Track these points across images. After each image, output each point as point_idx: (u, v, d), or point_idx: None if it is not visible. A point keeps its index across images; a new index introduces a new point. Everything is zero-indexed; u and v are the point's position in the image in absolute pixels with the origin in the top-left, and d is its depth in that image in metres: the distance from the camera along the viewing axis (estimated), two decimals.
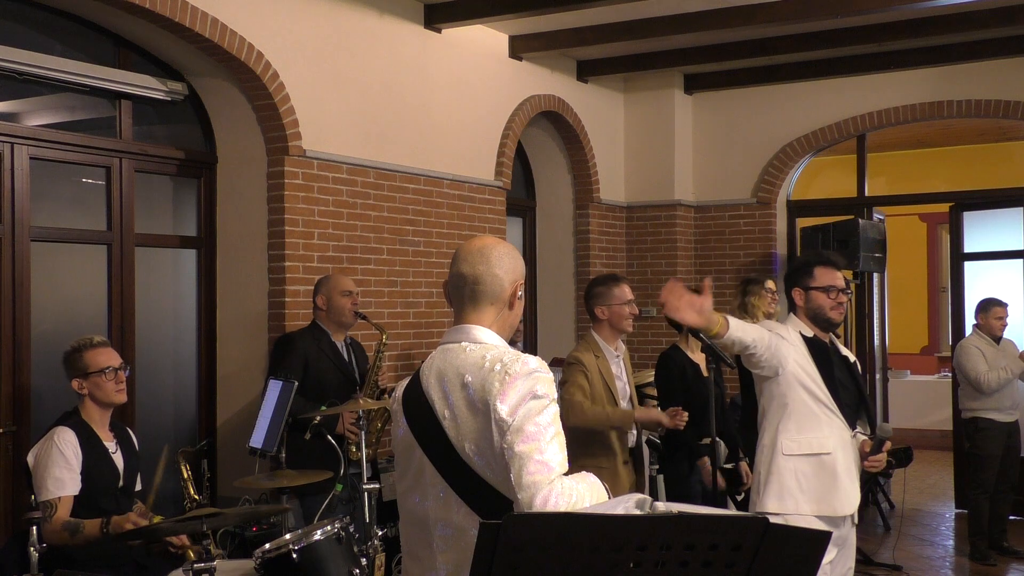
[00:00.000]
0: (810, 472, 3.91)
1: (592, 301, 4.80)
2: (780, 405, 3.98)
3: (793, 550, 1.67)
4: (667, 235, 8.76)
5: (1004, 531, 7.00)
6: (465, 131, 7.07)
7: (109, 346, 4.21)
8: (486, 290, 2.41)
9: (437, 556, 2.32)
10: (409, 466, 2.40)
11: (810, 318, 4.07)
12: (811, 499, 3.89)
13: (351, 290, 5.26)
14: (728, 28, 6.94)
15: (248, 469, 4.80)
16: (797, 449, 3.92)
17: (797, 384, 3.94)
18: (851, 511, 3.95)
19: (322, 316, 5.25)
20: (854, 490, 3.95)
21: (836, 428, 3.94)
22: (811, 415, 3.94)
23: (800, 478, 3.90)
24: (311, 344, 5.15)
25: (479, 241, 2.47)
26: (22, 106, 5.19)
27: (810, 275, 4.07)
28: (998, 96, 7.90)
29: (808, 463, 3.91)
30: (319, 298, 5.25)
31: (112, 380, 4.08)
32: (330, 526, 3.74)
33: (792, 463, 3.91)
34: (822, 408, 3.94)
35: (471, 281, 2.41)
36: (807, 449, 3.92)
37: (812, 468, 3.91)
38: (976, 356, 6.83)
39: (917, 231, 12.48)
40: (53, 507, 3.85)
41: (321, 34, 5.91)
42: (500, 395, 2.22)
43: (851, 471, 3.94)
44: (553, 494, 2.16)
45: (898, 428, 10.38)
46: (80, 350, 4.10)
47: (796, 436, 3.94)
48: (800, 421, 3.94)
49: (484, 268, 2.41)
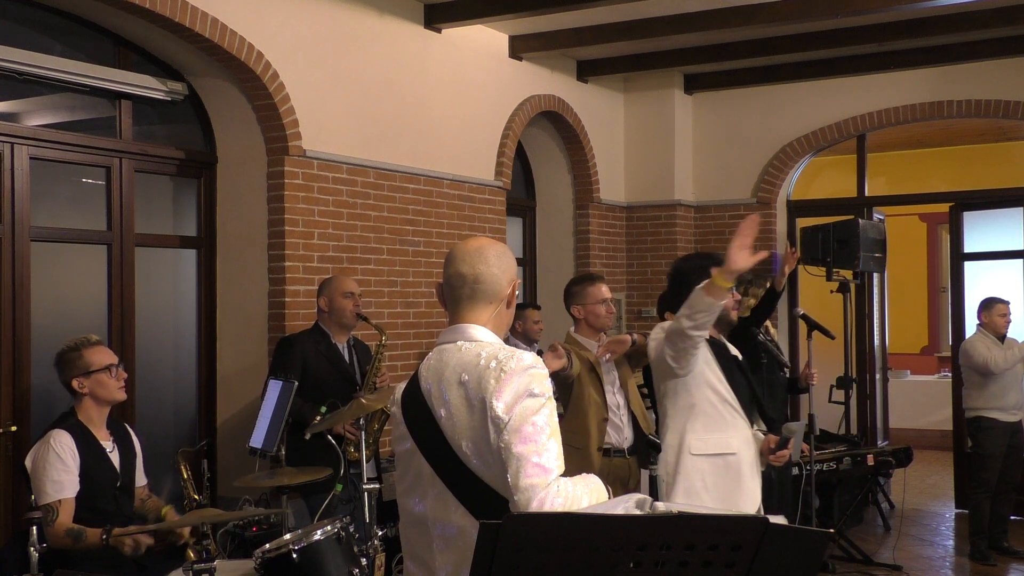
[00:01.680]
0: (716, 471, 3.97)
1: (568, 301, 4.85)
2: (687, 405, 4.03)
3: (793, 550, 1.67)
4: (667, 235, 8.76)
5: (1005, 531, 7.00)
6: (465, 131, 7.07)
7: (104, 344, 4.21)
8: (487, 288, 2.41)
9: (437, 556, 2.33)
10: (408, 467, 2.40)
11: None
12: (716, 498, 3.94)
13: (353, 291, 5.26)
14: (728, 28, 6.94)
15: (248, 469, 4.80)
16: (704, 449, 3.98)
17: (705, 384, 4.00)
18: (754, 509, 4.01)
19: (324, 318, 5.26)
20: (756, 488, 4.02)
21: (740, 428, 4.02)
22: (717, 415, 4.00)
23: (706, 477, 3.95)
24: (310, 346, 5.15)
25: (475, 242, 2.48)
26: (22, 106, 5.19)
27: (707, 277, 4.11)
28: (998, 96, 7.90)
29: (714, 463, 3.98)
30: (322, 300, 5.26)
31: (114, 378, 4.09)
32: (330, 526, 3.74)
33: (699, 463, 3.96)
34: (727, 407, 4.01)
35: (471, 280, 2.41)
36: (714, 449, 3.98)
37: (717, 467, 3.97)
38: (983, 346, 6.84)
39: (917, 231, 12.47)
40: (54, 511, 3.84)
41: (321, 34, 5.91)
42: (496, 392, 2.22)
43: (754, 469, 4.02)
44: (550, 497, 2.16)
45: (898, 428, 10.41)
46: (79, 349, 4.09)
47: (703, 436, 3.99)
48: (707, 421, 4.00)
49: (484, 267, 2.41)
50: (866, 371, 8.75)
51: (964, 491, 7.66)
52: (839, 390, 7.61)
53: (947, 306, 9.90)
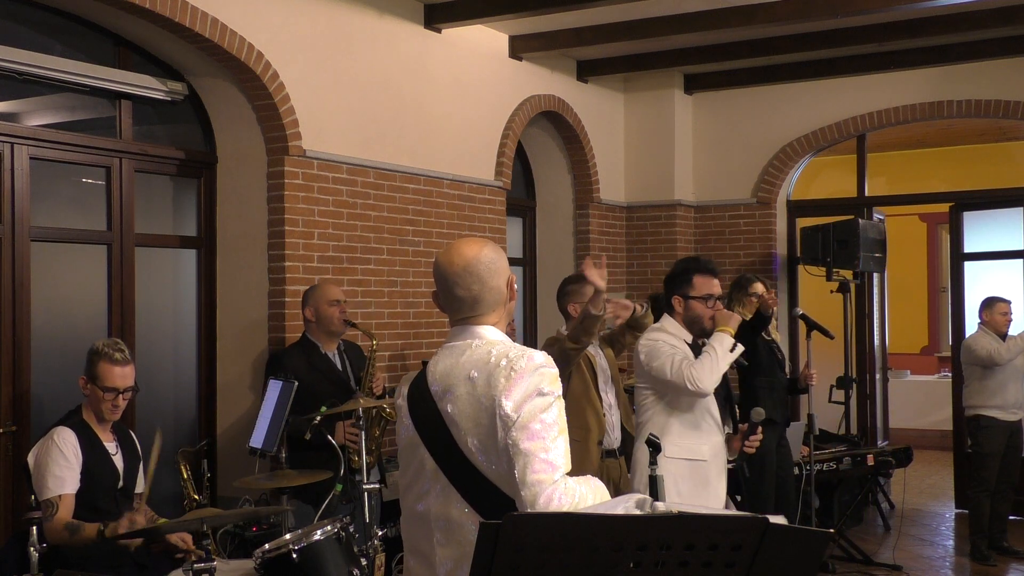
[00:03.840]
0: (686, 475, 4.06)
1: (564, 299, 4.87)
2: (667, 410, 4.12)
3: (793, 550, 1.67)
4: (667, 235, 8.76)
5: (1004, 531, 7.01)
6: (465, 131, 7.07)
7: (130, 364, 4.12)
8: (489, 301, 2.41)
9: (437, 552, 2.34)
10: (411, 462, 2.41)
11: (686, 325, 4.20)
12: (684, 498, 4.01)
13: (339, 299, 5.20)
14: (728, 28, 6.94)
15: (248, 469, 4.80)
16: (677, 453, 4.07)
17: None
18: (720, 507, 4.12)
19: (312, 328, 5.20)
20: (722, 490, 4.16)
21: (713, 435, 4.14)
22: (692, 422, 4.11)
23: (677, 480, 4.00)
24: (300, 361, 5.08)
25: (459, 259, 2.40)
26: (22, 106, 5.19)
27: (689, 284, 4.18)
28: (998, 96, 7.90)
29: (685, 467, 4.06)
30: (307, 310, 5.19)
31: (110, 401, 4.05)
32: (330, 526, 3.74)
33: (671, 465, 4.02)
34: (703, 413, 4.12)
35: (470, 302, 2.40)
36: (686, 454, 4.08)
37: (688, 471, 4.06)
38: (986, 340, 6.85)
39: (917, 231, 12.47)
40: (54, 506, 3.85)
41: (321, 34, 5.91)
42: (506, 391, 2.23)
43: (721, 475, 4.15)
44: (556, 494, 2.17)
45: (898, 428, 10.41)
46: (101, 356, 4.04)
47: (677, 441, 4.08)
48: (682, 427, 4.10)
49: (479, 287, 2.39)
50: (866, 371, 8.75)
51: (964, 491, 7.66)
52: (839, 390, 7.61)
53: (947, 306, 9.90)
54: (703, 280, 4.15)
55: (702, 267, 4.21)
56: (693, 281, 4.15)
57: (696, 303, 4.14)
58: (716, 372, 3.98)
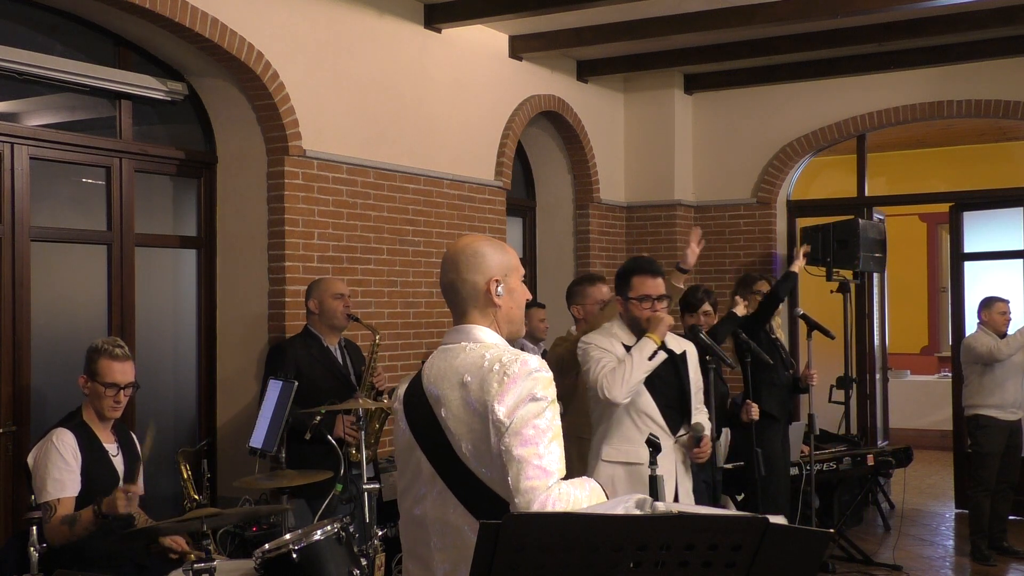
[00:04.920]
0: (624, 477, 4.05)
1: (569, 300, 4.89)
2: (606, 416, 4.12)
3: (793, 550, 1.67)
4: (667, 235, 8.76)
5: (1004, 531, 7.00)
6: (465, 131, 7.07)
7: (130, 360, 4.11)
8: (465, 294, 2.41)
9: (435, 555, 2.33)
10: (408, 465, 2.40)
11: (629, 326, 4.15)
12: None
13: (343, 293, 5.23)
14: (728, 28, 6.94)
15: (248, 469, 4.80)
16: (615, 456, 4.10)
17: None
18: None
19: (314, 320, 5.22)
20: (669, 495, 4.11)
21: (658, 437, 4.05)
22: (632, 427, 4.08)
23: (616, 483, 4.02)
24: (302, 351, 5.11)
25: (452, 247, 2.47)
26: (22, 106, 5.19)
27: (628, 285, 4.13)
28: (998, 96, 7.90)
29: (624, 470, 4.07)
30: (311, 302, 5.22)
31: (111, 397, 4.05)
32: (330, 526, 3.73)
33: (609, 468, 4.06)
34: (643, 418, 4.08)
35: (450, 291, 2.44)
36: (624, 458, 4.08)
37: (627, 474, 4.06)
38: (986, 337, 6.85)
39: (917, 231, 12.47)
40: (53, 509, 3.84)
41: (321, 34, 5.91)
42: (498, 396, 2.21)
43: (668, 477, 4.07)
44: (550, 499, 2.16)
45: (898, 428, 10.41)
46: (101, 353, 4.03)
47: (617, 445, 4.10)
48: (620, 433, 4.10)
49: (455, 275, 2.42)
50: (866, 371, 8.75)
51: (964, 491, 7.66)
52: (839, 390, 7.61)
53: (947, 306, 9.89)
54: (641, 280, 4.09)
55: (641, 267, 4.15)
56: (631, 282, 4.10)
57: (634, 304, 4.09)
58: (629, 382, 3.90)
